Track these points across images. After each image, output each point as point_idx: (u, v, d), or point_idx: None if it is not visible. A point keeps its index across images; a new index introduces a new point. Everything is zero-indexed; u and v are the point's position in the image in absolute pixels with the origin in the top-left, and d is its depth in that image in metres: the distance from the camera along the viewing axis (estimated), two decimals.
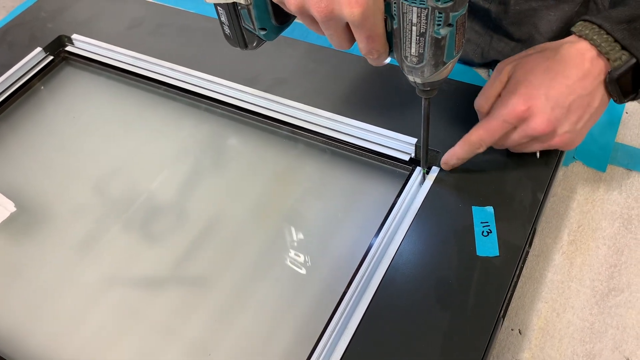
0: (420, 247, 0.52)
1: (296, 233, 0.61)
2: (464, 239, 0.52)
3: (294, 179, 0.64)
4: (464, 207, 0.54)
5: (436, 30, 0.39)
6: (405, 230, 0.53)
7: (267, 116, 0.67)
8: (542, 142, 0.52)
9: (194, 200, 0.64)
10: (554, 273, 0.54)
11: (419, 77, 0.43)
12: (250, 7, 0.45)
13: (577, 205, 0.58)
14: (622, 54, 0.48)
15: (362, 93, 0.66)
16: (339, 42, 0.43)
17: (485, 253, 0.50)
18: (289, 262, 0.59)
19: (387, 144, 0.61)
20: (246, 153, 0.68)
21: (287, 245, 0.60)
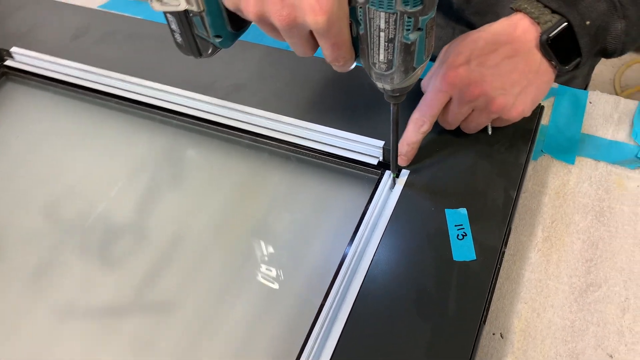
0: (395, 255, 0.50)
1: (265, 247, 0.58)
2: (439, 243, 0.50)
3: (259, 190, 0.61)
4: (437, 210, 0.52)
5: (405, 36, 0.37)
6: (379, 238, 0.51)
7: (226, 125, 0.64)
8: (482, 110, 0.52)
9: (153, 219, 0.60)
10: (531, 272, 0.53)
11: (388, 84, 0.41)
12: (203, 14, 0.42)
13: (549, 199, 0.57)
14: (552, 17, 0.49)
15: (325, 96, 0.63)
16: (302, 50, 0.41)
17: (462, 257, 0.49)
18: (260, 278, 0.56)
19: (354, 149, 0.58)
20: (207, 165, 0.65)
21: (256, 261, 0.57)
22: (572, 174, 0.59)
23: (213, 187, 0.62)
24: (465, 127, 0.56)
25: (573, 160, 0.60)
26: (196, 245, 0.58)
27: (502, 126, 0.56)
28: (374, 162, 0.58)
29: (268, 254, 0.58)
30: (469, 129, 0.56)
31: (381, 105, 0.60)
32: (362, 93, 0.63)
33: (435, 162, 0.56)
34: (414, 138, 0.54)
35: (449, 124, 0.55)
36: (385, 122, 0.58)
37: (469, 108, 0.53)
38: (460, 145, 0.57)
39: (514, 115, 0.52)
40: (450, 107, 0.54)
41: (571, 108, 0.64)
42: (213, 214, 0.60)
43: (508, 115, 0.52)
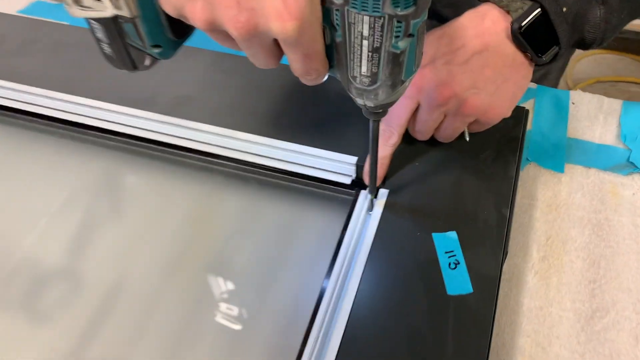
0: (381, 292, 0.43)
1: (225, 285, 0.50)
2: (430, 275, 0.43)
3: (215, 219, 0.53)
4: (424, 235, 0.45)
5: (394, 44, 0.30)
6: (361, 270, 0.44)
7: (172, 145, 0.55)
8: (455, 114, 0.46)
9: (89, 262, 0.51)
10: (531, 298, 0.47)
11: (371, 100, 0.34)
12: (136, 21, 0.34)
13: (541, 214, 0.52)
14: (522, 4, 0.44)
15: (287, 107, 0.56)
16: (263, 61, 0.34)
17: (457, 291, 0.42)
18: (222, 321, 0.48)
19: (324, 167, 0.51)
20: (151, 193, 0.56)
21: (215, 301, 0.48)
22: (562, 183, 0.53)
23: (160, 218, 0.54)
24: (439, 135, 0.49)
25: (562, 168, 0.55)
26: (143, 289, 0.49)
27: (482, 130, 0.49)
28: (346, 181, 0.50)
29: (229, 293, 0.49)
30: (444, 137, 0.49)
31: (352, 117, 0.53)
32: (330, 102, 0.55)
33: (416, 179, 0.49)
34: (383, 152, 0.48)
35: (421, 133, 0.49)
36: (358, 136, 0.52)
37: (441, 113, 0.46)
38: (441, 158, 0.50)
39: (491, 117, 0.46)
40: (419, 114, 0.47)
41: (554, 110, 0.59)
42: (161, 251, 0.51)
43: (485, 118, 0.46)
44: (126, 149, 0.58)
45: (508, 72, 0.45)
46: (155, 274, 0.50)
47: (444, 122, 0.48)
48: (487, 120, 0.47)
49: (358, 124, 0.53)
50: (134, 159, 0.57)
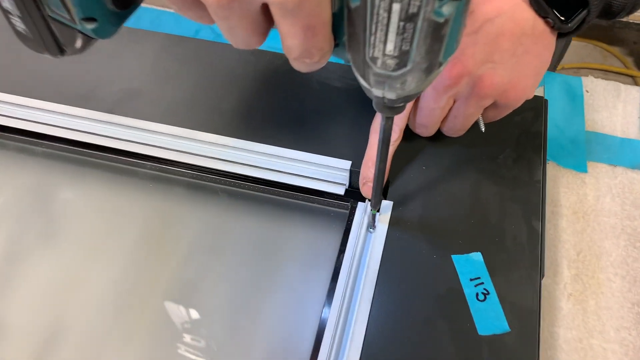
0: (396, 334, 0.34)
1: (190, 319, 0.40)
2: (455, 310, 0.35)
3: (174, 240, 0.42)
4: (442, 258, 0.37)
5: (437, 9, 0.21)
6: (368, 307, 0.35)
7: (117, 150, 0.44)
8: (468, 97, 0.37)
9: (14, 303, 0.40)
10: (567, 328, 0.39)
11: (394, 90, 0.25)
12: None
13: (567, 223, 0.44)
14: None
15: (259, 102, 0.46)
16: (244, 37, 0.24)
17: (490, 330, 0.34)
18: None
19: (310, 174, 0.41)
20: (92, 211, 0.44)
21: (178, 342, 0.38)
22: (587, 185, 0.46)
23: (104, 242, 0.43)
24: (448, 127, 0.40)
25: (584, 166, 0.47)
26: (86, 334, 0.39)
27: (499, 118, 0.40)
28: (339, 192, 0.41)
29: (195, 330, 0.39)
30: (453, 129, 0.40)
31: (343, 112, 0.43)
32: (313, 94, 0.46)
33: (424, 187, 0.40)
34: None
35: (425, 127, 0.40)
36: (352, 134, 0.42)
37: (449, 98, 0.37)
38: (451, 160, 0.41)
39: (512, 97, 0.37)
40: (422, 102, 0.39)
41: (567, 100, 0.52)
42: (108, 283, 0.41)
43: (505, 99, 0.37)
44: (60, 156, 0.46)
45: (528, 41, 0.37)
46: (102, 312, 0.40)
47: (454, 110, 0.38)
48: (507, 102, 0.38)
49: (350, 121, 0.43)
50: (69, 169, 0.46)
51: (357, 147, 0.42)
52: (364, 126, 0.42)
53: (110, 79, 0.48)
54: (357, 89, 0.46)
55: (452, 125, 0.39)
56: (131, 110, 0.45)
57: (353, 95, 0.45)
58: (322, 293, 0.38)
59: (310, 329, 0.37)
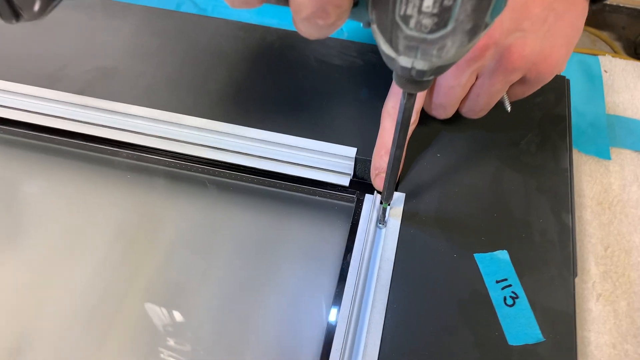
0: (416, 348, 0.30)
1: (175, 325, 0.35)
2: (480, 316, 0.30)
3: (156, 237, 0.37)
4: (463, 257, 0.32)
5: None
6: (382, 316, 0.30)
7: (90, 136, 0.39)
8: (494, 71, 0.32)
9: None
10: (598, 333, 0.35)
11: (428, 58, 0.20)
12: None
13: (592, 215, 0.40)
14: None
15: (251, 82, 0.41)
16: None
17: (522, 339, 0.30)
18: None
19: (311, 162, 0.37)
20: (63, 206, 0.39)
21: (161, 342, 0.34)
22: (612, 173, 0.42)
23: (77, 241, 0.37)
24: (468, 107, 0.36)
25: (608, 153, 0.43)
26: (55, 344, 0.34)
27: (527, 95, 0.36)
28: (343, 182, 0.36)
29: (178, 329, 0.35)
30: (474, 109, 0.36)
31: (345, 91, 0.39)
32: (310, 72, 0.41)
33: (440, 177, 0.36)
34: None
35: (442, 107, 0.35)
36: (357, 118, 0.38)
37: (472, 73, 0.33)
38: (468, 146, 0.37)
39: (544, 70, 0.33)
40: (440, 79, 0.34)
41: (584, 80, 0.48)
42: (81, 287, 0.36)
43: (536, 73, 0.33)
44: (24, 144, 0.41)
45: (560, 7, 0.32)
46: (74, 319, 0.35)
47: (477, 87, 0.34)
48: (537, 77, 0.33)
49: (353, 102, 0.39)
50: (35, 158, 0.40)
51: (363, 132, 0.37)
52: (369, 108, 0.38)
53: (82, 56, 0.42)
54: (360, 66, 0.41)
55: (473, 105, 0.35)
56: (106, 91, 0.40)
57: (356, 74, 0.40)
58: (326, 298, 0.34)
59: (314, 339, 0.32)
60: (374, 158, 0.35)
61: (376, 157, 0.35)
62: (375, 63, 0.41)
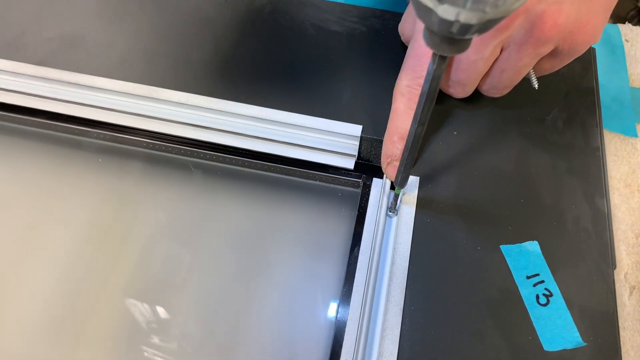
0: (438, 355, 0.26)
1: (156, 315, 0.31)
2: (510, 318, 0.26)
3: (135, 227, 0.33)
4: (487, 249, 0.28)
5: None
6: (399, 320, 0.26)
7: (54, 114, 0.34)
8: (523, 44, 0.28)
9: None
10: (634, 331, 0.31)
11: (482, 6, 0.16)
12: None
13: (620, 198, 0.36)
14: None
15: (238, 50, 0.36)
16: None
17: (560, 344, 0.26)
18: None
19: (310, 143, 0.32)
20: (24, 194, 0.34)
21: (143, 340, 0.29)
22: (639, 152, 0.38)
23: (43, 233, 0.33)
24: (490, 85, 0.31)
25: (634, 130, 0.39)
26: (24, 349, 0.29)
27: (557, 69, 0.31)
28: (348, 165, 0.32)
29: (162, 325, 0.30)
30: (497, 87, 0.31)
31: (346, 61, 0.34)
32: (306, 40, 0.36)
33: (458, 159, 0.31)
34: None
35: (462, 84, 0.31)
36: (360, 91, 0.33)
37: (498, 45, 0.28)
38: (489, 124, 0.33)
39: (580, 40, 0.28)
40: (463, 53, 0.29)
41: (605, 52, 0.43)
42: (50, 283, 0.31)
43: (570, 43, 0.28)
44: None
45: None
46: (43, 325, 0.30)
47: (501, 61, 0.29)
48: (571, 48, 0.29)
49: (356, 74, 0.34)
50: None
51: (368, 107, 0.32)
52: (374, 80, 0.33)
53: (43, 21, 0.37)
54: (362, 33, 0.36)
55: (496, 82, 0.30)
56: (71, 62, 0.35)
57: (358, 42, 0.36)
58: (331, 298, 0.30)
59: (318, 347, 0.28)
60: (385, 144, 0.30)
61: (388, 143, 0.30)
62: (379, 29, 0.36)
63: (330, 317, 0.29)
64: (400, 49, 0.35)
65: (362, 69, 0.34)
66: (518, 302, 0.27)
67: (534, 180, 0.31)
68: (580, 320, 0.26)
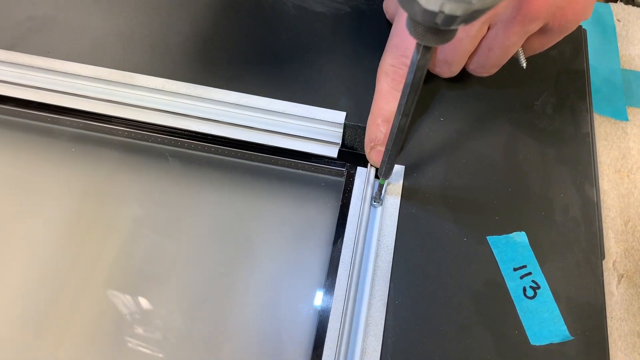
0: (423, 350, 0.25)
1: (138, 306, 0.30)
2: (496, 311, 0.26)
3: (111, 219, 0.32)
4: (473, 241, 0.28)
5: None
6: (383, 314, 0.26)
7: (24, 101, 0.32)
8: (511, 22, 0.27)
9: None
10: (621, 320, 0.31)
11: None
12: None
13: (610, 185, 0.35)
14: None
15: (217, 33, 0.34)
16: None
17: (547, 338, 0.25)
18: None
19: (292, 130, 0.31)
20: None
21: (126, 332, 0.29)
22: (629, 136, 0.37)
23: (15, 227, 0.31)
24: (477, 64, 0.30)
25: (624, 114, 0.38)
26: (3, 346, 0.28)
27: (546, 48, 0.30)
28: (331, 154, 0.31)
29: (144, 317, 0.29)
30: (484, 66, 0.30)
31: (330, 44, 0.33)
32: (288, 22, 0.34)
33: (444, 147, 0.30)
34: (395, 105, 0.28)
35: (448, 64, 0.30)
36: (344, 76, 0.32)
37: (483, 24, 0.27)
38: (476, 109, 0.32)
39: (571, 16, 0.27)
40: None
41: (596, 32, 0.42)
42: (26, 279, 0.30)
43: (560, 19, 0.27)
44: None
45: None
46: (23, 320, 0.29)
47: (488, 39, 0.28)
48: (561, 25, 0.27)
49: (340, 58, 0.33)
50: None
51: (352, 93, 0.31)
52: (359, 64, 0.32)
53: (11, 3, 0.35)
54: (347, 14, 0.35)
55: (483, 61, 0.29)
56: (42, 45, 0.33)
57: (342, 23, 0.34)
58: (314, 292, 0.29)
59: (300, 341, 0.28)
60: (369, 128, 0.29)
61: (371, 127, 0.29)
62: (364, 10, 0.35)
63: (314, 309, 0.28)
64: (387, 31, 0.34)
65: (346, 52, 0.33)
66: (504, 295, 0.26)
67: (522, 168, 0.30)
68: (568, 313, 0.26)
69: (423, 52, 0.19)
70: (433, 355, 0.25)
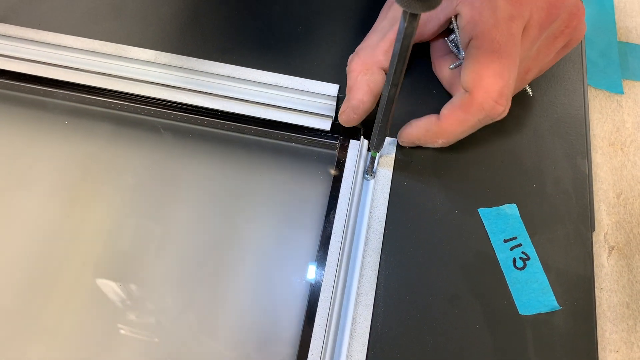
0: (413, 320, 0.25)
1: (129, 291, 0.30)
2: (486, 282, 0.26)
3: (103, 193, 0.32)
4: (464, 213, 0.28)
5: None
6: (373, 285, 0.26)
7: (14, 74, 0.32)
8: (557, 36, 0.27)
9: None
10: (611, 291, 0.31)
11: None
12: None
13: (603, 157, 0.35)
14: None
15: (208, 4, 0.34)
16: None
17: (535, 308, 0.26)
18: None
19: (285, 103, 0.31)
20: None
21: (119, 318, 0.29)
22: (624, 109, 0.37)
23: (4, 202, 0.31)
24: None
25: (620, 87, 0.38)
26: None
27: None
28: (324, 126, 0.31)
29: (136, 302, 0.30)
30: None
31: (323, 14, 0.32)
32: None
33: None
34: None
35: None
36: (338, 48, 0.32)
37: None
38: None
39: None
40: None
41: (592, 3, 0.42)
42: (13, 258, 0.30)
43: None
44: None
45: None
46: (10, 301, 0.29)
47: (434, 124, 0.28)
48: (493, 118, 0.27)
49: (334, 29, 0.33)
50: None
51: (346, 66, 0.31)
52: (353, 37, 0.32)
53: None
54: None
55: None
56: (33, 17, 0.33)
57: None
58: (306, 264, 0.29)
59: (293, 311, 0.28)
60: (353, 95, 0.28)
61: (359, 95, 0.28)
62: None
63: (306, 282, 0.28)
64: (380, 3, 0.33)
65: (340, 24, 0.33)
66: (494, 266, 0.26)
67: (514, 140, 0.30)
68: (557, 284, 0.26)
69: (410, 20, 0.19)
70: (423, 325, 0.25)
